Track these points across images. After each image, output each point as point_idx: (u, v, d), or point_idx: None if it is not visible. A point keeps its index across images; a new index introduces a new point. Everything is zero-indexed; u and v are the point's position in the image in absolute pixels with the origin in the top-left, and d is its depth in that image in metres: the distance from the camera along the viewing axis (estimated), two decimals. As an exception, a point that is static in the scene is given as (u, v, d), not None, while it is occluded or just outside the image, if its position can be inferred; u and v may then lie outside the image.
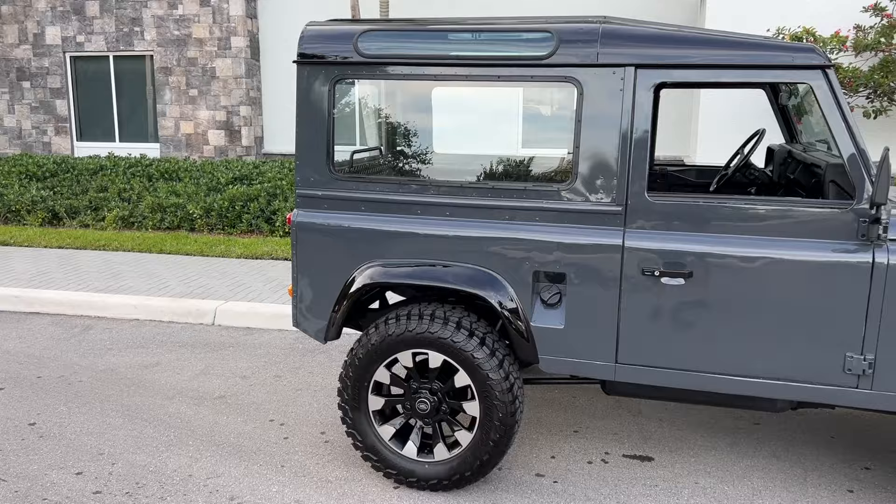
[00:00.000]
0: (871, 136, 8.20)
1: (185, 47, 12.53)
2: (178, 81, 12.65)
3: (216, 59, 12.42)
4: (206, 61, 12.49)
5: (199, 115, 12.67)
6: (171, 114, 12.78)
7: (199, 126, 12.71)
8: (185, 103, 12.68)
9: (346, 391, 3.37)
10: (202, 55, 12.48)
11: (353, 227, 3.33)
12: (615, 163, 3.05)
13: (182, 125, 12.77)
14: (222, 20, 12.29)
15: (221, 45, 12.36)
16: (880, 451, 3.81)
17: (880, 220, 2.77)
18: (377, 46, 3.25)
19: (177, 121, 12.77)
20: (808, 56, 2.85)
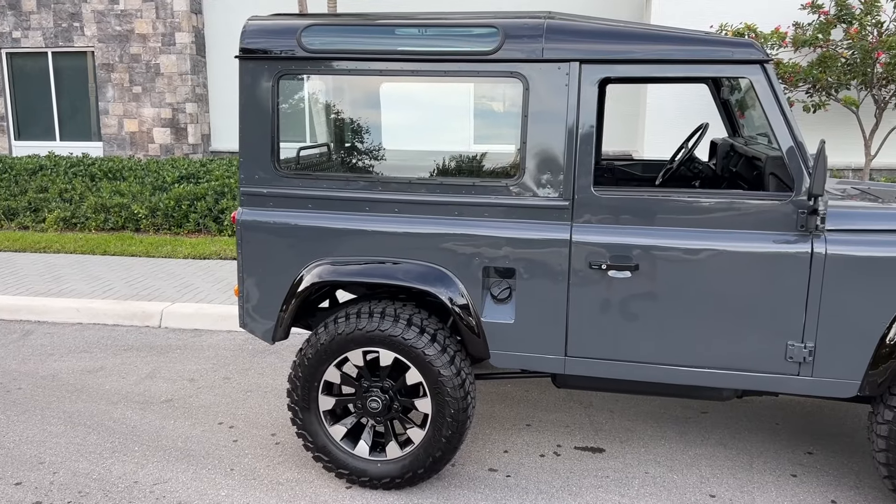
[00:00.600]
0: (811, 130, 8.45)
1: (128, 43, 12.20)
2: (120, 78, 12.32)
3: (160, 55, 12.14)
4: (150, 57, 12.19)
5: (143, 112, 12.36)
6: (115, 111, 12.44)
7: (143, 124, 12.40)
8: (128, 101, 12.36)
9: (295, 392, 3.32)
10: (146, 51, 12.18)
11: (301, 224, 3.28)
12: (561, 158, 3.07)
13: (126, 123, 12.44)
14: (166, 15, 12.01)
15: (165, 40, 12.08)
16: (822, 436, 3.92)
17: (818, 212, 2.84)
18: (321, 41, 3.20)
19: (120, 119, 12.44)
20: (748, 51, 2.91)
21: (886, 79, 7.64)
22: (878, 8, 7.64)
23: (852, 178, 8.54)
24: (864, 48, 7.51)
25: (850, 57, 7.74)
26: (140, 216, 8.83)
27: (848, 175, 8.87)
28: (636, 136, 10.45)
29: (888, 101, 7.82)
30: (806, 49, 8.06)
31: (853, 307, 2.88)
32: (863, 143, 8.14)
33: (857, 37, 7.62)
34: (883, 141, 8.09)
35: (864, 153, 8.17)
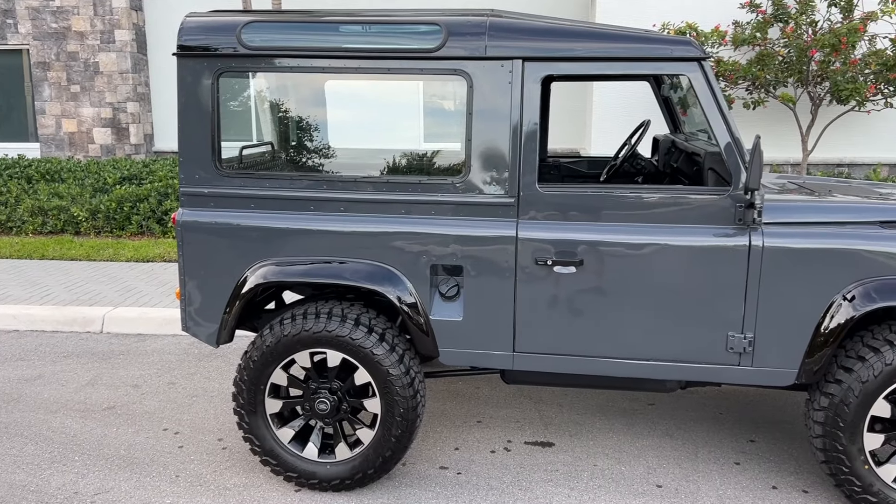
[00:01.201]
0: (752, 127, 8.67)
1: (65, 41, 11.83)
2: (57, 77, 11.93)
3: (99, 53, 11.79)
4: (89, 56, 11.84)
5: (82, 112, 12.00)
6: (52, 111, 12.05)
7: (82, 124, 12.04)
8: (66, 100, 11.98)
9: (241, 395, 3.26)
10: (84, 49, 11.82)
11: (243, 225, 3.22)
12: (506, 155, 3.08)
13: (64, 123, 12.06)
14: (104, 12, 11.67)
15: (104, 38, 11.74)
16: (763, 424, 4.03)
17: (755, 205, 2.91)
18: (262, 38, 3.15)
19: (58, 118, 12.05)
20: (686, 49, 2.96)
21: (821, 76, 7.88)
22: (812, 7, 7.88)
23: (791, 173, 8.80)
24: (799, 46, 7.74)
25: (787, 55, 7.96)
26: (80, 219, 8.57)
27: (787, 170, 9.13)
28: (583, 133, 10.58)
29: (823, 98, 8.07)
30: (745, 47, 8.26)
31: (789, 298, 2.97)
32: (800, 138, 8.39)
33: (792, 35, 7.85)
34: (819, 137, 8.36)
35: (801, 148, 8.42)
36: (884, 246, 2.93)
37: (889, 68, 7.45)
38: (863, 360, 2.95)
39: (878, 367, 2.92)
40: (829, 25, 7.87)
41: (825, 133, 8.41)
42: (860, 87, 7.49)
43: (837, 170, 9.07)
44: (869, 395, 2.95)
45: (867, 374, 2.93)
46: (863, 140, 8.89)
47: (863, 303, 2.91)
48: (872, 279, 2.93)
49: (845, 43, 7.47)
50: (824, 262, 2.93)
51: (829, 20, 7.93)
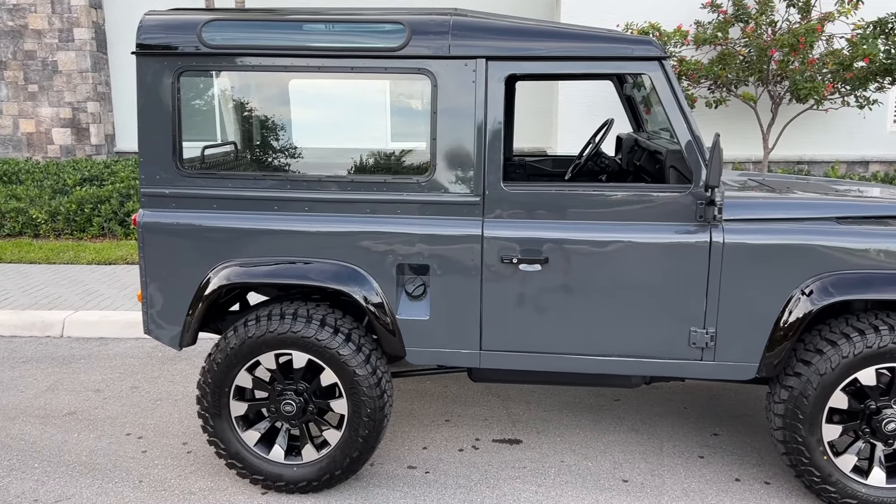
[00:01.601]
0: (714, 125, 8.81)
1: (22, 39, 11.56)
2: (14, 76, 11.66)
3: (58, 51, 11.55)
4: (47, 54, 11.59)
5: (40, 112, 11.75)
6: (9, 111, 11.77)
7: (41, 124, 11.79)
8: (24, 100, 11.71)
9: (205, 398, 3.22)
10: (41, 48, 11.57)
11: (206, 225, 3.18)
12: (471, 154, 3.08)
13: (22, 123, 11.79)
14: (62, 10, 11.44)
15: (63, 36, 11.51)
16: (726, 418, 4.10)
17: (715, 202, 2.96)
18: (223, 37, 3.11)
19: (15, 119, 11.78)
20: (646, 48, 3.00)
21: (780, 75, 8.04)
22: (771, 8, 8.03)
23: (752, 171, 8.96)
24: (759, 46, 7.88)
25: (748, 54, 8.11)
26: (39, 221, 8.38)
27: (748, 167, 9.29)
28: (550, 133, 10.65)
29: (783, 97, 8.23)
30: (707, 47, 8.39)
31: (750, 293, 3.02)
32: (761, 136, 8.54)
33: (752, 35, 7.99)
34: (779, 135, 8.52)
35: (762, 146, 8.58)
36: (840, 241, 2.99)
37: (845, 68, 7.63)
38: (821, 353, 3.01)
39: (835, 359, 2.98)
40: (788, 25, 8.03)
41: (785, 131, 8.58)
42: (818, 86, 7.65)
43: (797, 167, 9.25)
44: (827, 387, 3.01)
45: (825, 366, 3.00)
46: (821, 138, 9.09)
47: (820, 297, 2.98)
48: (829, 274, 2.99)
49: (803, 43, 7.62)
50: (783, 257, 2.99)
51: (787, 20, 8.09)
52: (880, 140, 9.06)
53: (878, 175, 8.98)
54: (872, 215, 3.21)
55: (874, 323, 3.00)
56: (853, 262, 2.98)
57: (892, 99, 8.90)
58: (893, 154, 9.01)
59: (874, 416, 3.05)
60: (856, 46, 7.60)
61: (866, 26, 7.74)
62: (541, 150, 10.64)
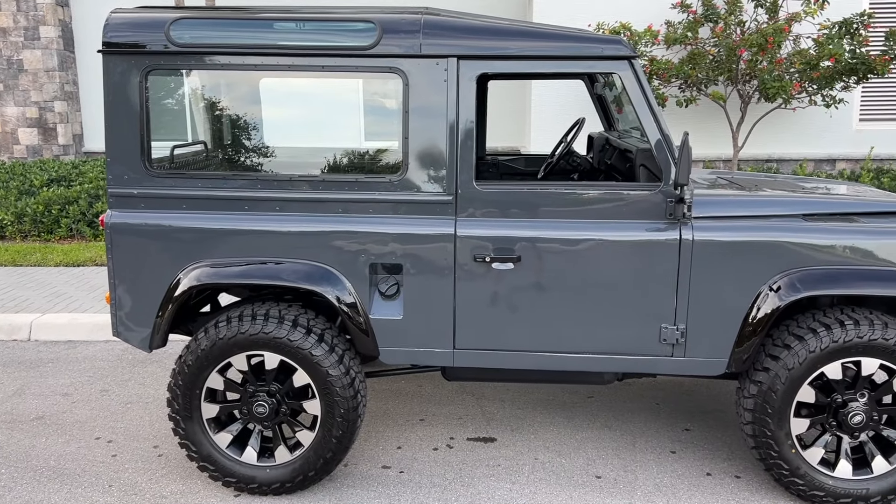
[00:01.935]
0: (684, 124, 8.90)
1: (-14, 37, 11.33)
2: (-21, 75, 11.42)
3: (23, 50, 11.34)
4: (12, 53, 11.38)
5: (6, 111, 11.53)
6: (-27, 111, 11.53)
7: (6, 124, 11.57)
8: (-11, 99, 11.48)
9: (176, 401, 3.19)
10: (7, 46, 11.35)
11: (175, 226, 3.14)
12: (443, 153, 3.09)
13: (-13, 123, 11.55)
14: (28, 8, 11.23)
15: (29, 35, 11.30)
16: (698, 413, 4.14)
17: (684, 200, 2.99)
18: (192, 35, 3.08)
19: (-20, 118, 11.54)
20: (616, 48, 3.02)
21: (749, 74, 8.14)
22: (740, 8, 8.13)
23: (722, 169, 9.08)
24: (728, 46, 7.98)
25: (717, 54, 8.20)
26: (5, 223, 8.22)
27: (719, 166, 9.40)
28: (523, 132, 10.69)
29: (751, 96, 8.34)
30: (677, 46, 8.47)
31: (719, 289, 3.06)
32: (731, 135, 8.65)
33: (722, 35, 8.09)
34: (748, 133, 8.63)
35: (732, 145, 8.69)
36: (806, 238, 3.04)
37: (812, 67, 7.75)
38: (788, 349, 3.06)
39: (802, 354, 3.03)
40: (756, 25, 8.14)
41: (754, 130, 8.70)
42: (786, 85, 7.77)
43: (766, 165, 9.39)
44: (795, 381, 3.06)
45: (793, 361, 3.04)
46: (789, 136, 9.23)
47: (788, 293, 3.02)
48: (796, 270, 3.04)
49: (771, 43, 7.73)
50: (751, 254, 3.03)
51: (756, 20, 8.20)
52: (846, 138, 9.23)
53: (845, 173, 9.14)
54: (838, 212, 3.26)
55: (840, 318, 3.05)
56: (819, 259, 3.03)
57: (858, 98, 9.07)
58: (859, 152, 9.18)
59: (840, 410, 3.11)
60: (822, 46, 7.72)
61: (832, 26, 7.87)
62: (515, 150, 10.68)
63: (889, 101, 9.11)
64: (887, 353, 3.00)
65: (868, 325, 3.00)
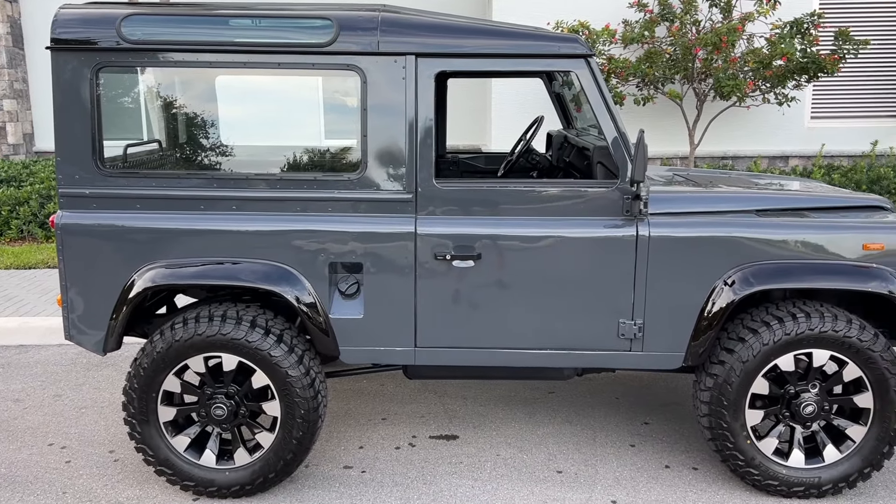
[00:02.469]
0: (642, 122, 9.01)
1: (-70, 32, 10.95)
2: (-77, 72, 11.03)
3: (-30, 46, 10.98)
4: (-42, 49, 11.01)
5: (-48, 109, 11.15)
6: (-83, 109, 11.14)
7: (-47, 122, 11.19)
8: (-66, 97, 11.10)
9: (131, 404, 3.13)
10: (-48, 42, 10.98)
11: (129, 226, 3.08)
12: (403, 151, 3.08)
13: (-68, 122, 11.17)
14: (-25, 2, 10.88)
15: (-24, 30, 10.95)
16: (657, 407, 4.21)
17: (641, 197, 3.03)
18: (144, 31, 3.02)
19: (-75, 117, 11.15)
20: (572, 46, 3.05)
21: (704, 73, 8.27)
22: (695, 8, 8.26)
23: (679, 166, 9.22)
24: (684, 45, 8.10)
25: (673, 53, 8.32)
26: (-48, 224, 7.98)
27: (676, 163, 9.54)
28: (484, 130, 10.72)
29: (707, 94, 8.48)
30: (635, 45, 8.57)
31: (675, 284, 3.11)
32: (687, 133, 8.79)
33: (678, 34, 8.21)
34: (704, 131, 8.78)
35: (688, 142, 8.82)
36: (759, 233, 3.11)
37: (765, 66, 7.91)
38: (743, 342, 3.12)
39: (756, 347, 3.10)
40: (711, 25, 8.28)
41: (710, 127, 8.84)
42: (740, 83, 7.91)
43: (722, 162, 9.56)
44: (749, 373, 3.13)
45: (747, 354, 3.11)
46: (744, 134, 9.41)
47: (742, 287, 3.08)
48: (750, 265, 3.10)
49: (726, 42, 7.87)
50: (706, 249, 3.08)
51: (710, 20, 8.34)
52: (798, 136, 9.43)
53: (797, 169, 9.36)
54: (790, 208, 3.34)
55: (792, 311, 3.13)
56: (772, 253, 3.10)
57: (809, 96, 9.28)
58: (811, 149, 9.40)
59: (793, 401, 3.18)
60: (774, 45, 7.88)
61: (784, 26, 8.05)
62: (476, 148, 10.70)
63: (839, 99, 9.35)
64: (837, 344, 3.08)
65: (819, 318, 3.08)
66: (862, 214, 3.34)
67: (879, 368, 3.10)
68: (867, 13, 9.08)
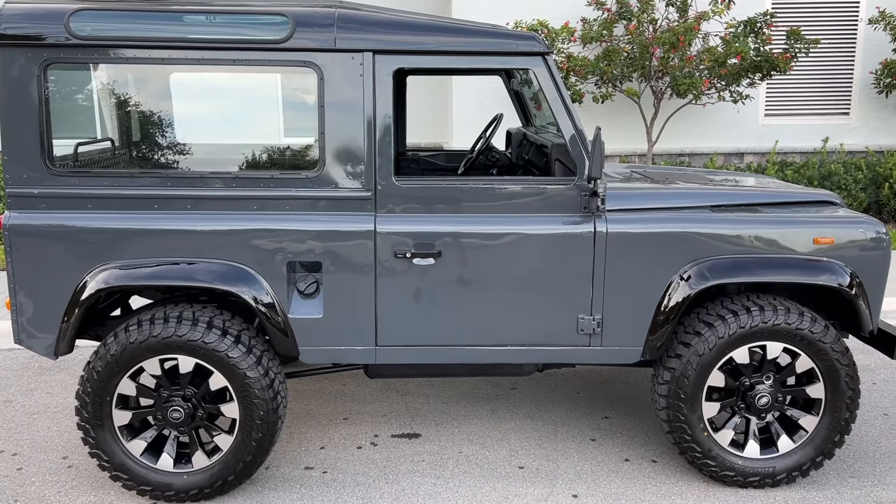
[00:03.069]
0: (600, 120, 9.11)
1: None
2: None
3: (-86, 41, 10.61)
4: None
5: None
6: None
7: None
8: None
9: (85, 409, 3.06)
10: None
11: (80, 226, 3.01)
12: (361, 148, 3.06)
13: None
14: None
15: (-81, 25, 10.57)
16: (616, 401, 4.26)
17: (598, 194, 3.06)
18: (93, 27, 2.95)
19: None
20: (530, 44, 3.06)
21: (661, 71, 8.40)
22: (652, 7, 8.38)
23: (638, 163, 9.34)
24: (641, 43, 8.21)
25: (631, 51, 8.43)
26: None
27: (634, 160, 9.66)
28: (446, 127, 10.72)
29: (664, 92, 8.61)
30: (593, 44, 8.66)
31: (632, 280, 3.14)
32: (645, 130, 8.91)
33: (635, 33, 8.31)
34: (661, 128, 8.91)
35: (646, 140, 8.95)
36: (714, 228, 3.16)
37: (720, 65, 8.06)
38: (699, 335, 3.17)
39: (712, 340, 3.15)
40: (667, 24, 8.40)
41: (667, 125, 8.97)
42: (696, 81, 8.05)
43: (679, 159, 9.71)
44: (705, 366, 3.18)
45: (703, 347, 3.16)
46: (700, 131, 9.57)
47: (697, 282, 3.14)
48: (705, 259, 3.15)
49: (683, 41, 8.00)
50: (662, 245, 3.13)
51: (667, 19, 8.46)
52: (753, 133, 9.63)
53: (752, 165, 9.55)
54: (744, 203, 3.41)
55: (746, 304, 3.19)
56: (727, 248, 3.16)
57: (763, 94, 9.47)
58: (765, 146, 9.60)
59: (748, 393, 3.25)
60: (729, 44, 8.04)
61: (738, 25, 8.21)
62: (438, 146, 10.69)
63: (792, 97, 9.56)
64: (790, 336, 3.15)
65: (772, 311, 3.14)
66: (813, 210, 3.43)
67: (830, 359, 3.18)
68: (817, 13, 9.31)
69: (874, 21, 8.69)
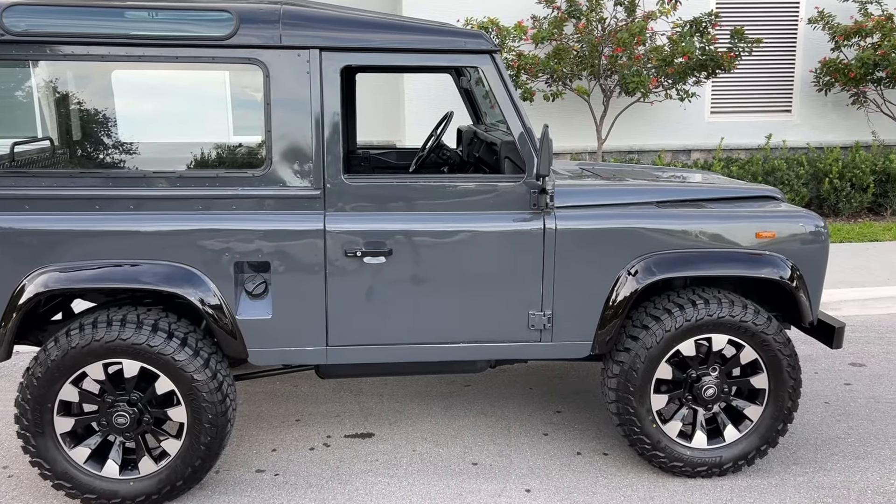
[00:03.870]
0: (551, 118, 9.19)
1: None
2: None
3: None
4: None
5: None
6: None
7: None
8: None
9: (25, 416, 2.96)
10: None
11: (17, 228, 2.91)
12: (309, 147, 3.03)
13: None
14: None
15: None
16: (569, 396, 4.30)
17: (547, 190, 3.09)
18: (29, 23, 2.86)
19: None
20: (477, 41, 3.07)
21: (610, 70, 8.52)
22: (601, 6, 8.49)
23: (588, 160, 9.46)
24: (590, 42, 8.31)
25: (580, 50, 8.52)
26: None
27: (585, 157, 9.78)
28: (398, 125, 10.69)
29: (613, 90, 8.73)
30: (545, 43, 8.73)
31: (582, 275, 3.18)
32: (595, 128, 9.02)
33: (584, 31, 8.41)
34: (611, 126, 9.04)
35: (596, 137, 9.06)
36: (660, 224, 3.22)
37: (667, 63, 8.21)
38: (646, 329, 3.23)
39: (659, 333, 3.21)
40: (616, 23, 8.52)
41: (616, 123, 9.11)
42: (644, 80, 8.18)
43: (628, 156, 9.87)
44: (653, 359, 3.24)
45: (651, 340, 3.21)
46: (649, 129, 9.74)
47: (644, 276, 3.19)
48: (652, 254, 3.21)
49: (640, 40, 8.13)
50: (610, 240, 3.17)
51: (615, 17, 8.58)
52: (699, 130, 9.84)
53: (699, 162, 9.76)
54: (689, 199, 3.48)
55: (692, 298, 3.25)
56: (672, 243, 3.22)
57: (709, 92, 9.69)
58: (711, 143, 9.81)
59: (695, 384, 3.31)
60: (675, 44, 8.19)
61: (684, 25, 8.37)
62: (390, 143, 10.65)
63: (736, 95, 9.80)
64: (734, 328, 3.23)
65: (717, 304, 3.22)
66: (756, 204, 3.52)
67: (773, 350, 3.27)
68: (759, 13, 9.56)
69: (813, 21, 8.96)
